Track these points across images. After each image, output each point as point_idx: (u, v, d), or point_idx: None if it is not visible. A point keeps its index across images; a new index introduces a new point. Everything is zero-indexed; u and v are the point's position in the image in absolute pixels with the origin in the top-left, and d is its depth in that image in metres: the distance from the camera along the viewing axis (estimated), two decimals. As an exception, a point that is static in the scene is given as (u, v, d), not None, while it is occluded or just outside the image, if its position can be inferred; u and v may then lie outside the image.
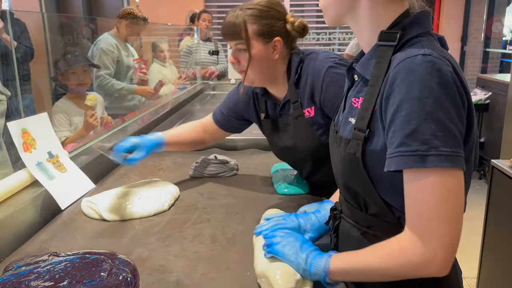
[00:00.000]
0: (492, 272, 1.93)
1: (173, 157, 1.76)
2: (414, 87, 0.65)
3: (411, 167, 0.65)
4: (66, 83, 2.10)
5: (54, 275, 0.85)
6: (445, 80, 0.65)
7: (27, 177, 1.21)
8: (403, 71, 0.67)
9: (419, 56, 0.66)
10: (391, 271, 0.70)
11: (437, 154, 0.64)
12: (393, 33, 0.73)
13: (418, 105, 0.64)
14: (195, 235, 1.09)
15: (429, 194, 0.65)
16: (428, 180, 0.65)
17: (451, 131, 0.65)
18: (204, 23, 4.01)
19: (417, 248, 0.66)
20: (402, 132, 0.66)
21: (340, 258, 0.77)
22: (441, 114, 0.64)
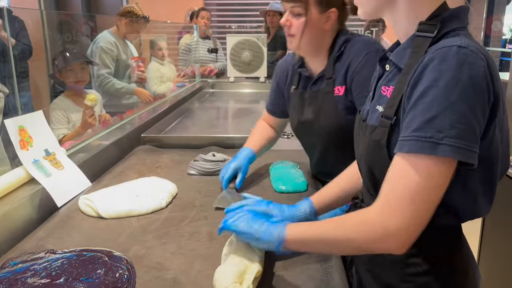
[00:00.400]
0: (490, 272, 1.93)
1: (171, 154, 1.76)
2: (443, 75, 0.65)
3: (421, 152, 0.65)
4: (64, 80, 2.09)
5: (50, 272, 0.85)
6: (476, 74, 0.65)
7: (24, 175, 1.21)
8: (436, 59, 0.67)
9: (455, 47, 0.66)
10: (350, 242, 0.72)
11: (450, 145, 0.64)
12: (432, 24, 0.73)
13: (443, 94, 0.64)
14: (192, 232, 1.09)
15: (423, 179, 0.66)
16: (428, 167, 0.65)
17: (471, 125, 0.64)
18: (202, 20, 4.01)
19: (383, 222, 0.68)
20: (421, 117, 0.66)
21: (296, 227, 0.79)
22: (464, 106, 0.64)
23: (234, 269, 0.80)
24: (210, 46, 4.04)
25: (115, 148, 1.71)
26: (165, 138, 1.92)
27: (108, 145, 1.66)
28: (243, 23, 5.81)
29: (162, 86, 3.39)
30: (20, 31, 2.87)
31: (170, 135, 2.07)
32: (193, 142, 1.85)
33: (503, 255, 1.81)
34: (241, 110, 3.01)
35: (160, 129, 2.11)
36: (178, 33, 4.41)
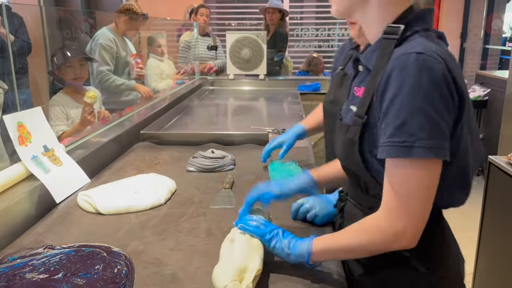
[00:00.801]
0: (488, 268, 1.94)
1: (170, 151, 1.76)
2: (406, 83, 0.70)
3: (398, 156, 0.72)
4: (63, 77, 2.09)
5: (49, 268, 0.85)
6: (435, 78, 0.70)
7: (23, 171, 1.21)
8: (397, 67, 0.72)
9: (414, 54, 0.71)
10: (367, 246, 0.78)
11: (423, 147, 0.70)
12: (397, 27, 0.78)
13: (409, 100, 0.70)
14: (191, 229, 1.09)
15: (410, 180, 0.72)
16: (411, 168, 0.72)
17: (438, 125, 0.70)
18: (202, 18, 3.99)
19: (392, 223, 0.74)
20: (393, 124, 0.72)
21: (320, 240, 0.84)
22: (429, 109, 0.69)
23: (234, 266, 0.80)
24: (209, 43, 4.03)
25: (114, 144, 1.71)
26: (164, 135, 1.92)
27: (107, 142, 1.66)
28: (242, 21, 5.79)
29: (161, 83, 3.39)
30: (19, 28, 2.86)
31: (169, 132, 2.07)
32: (192, 139, 1.85)
33: (502, 252, 1.81)
34: (240, 108, 3.01)
35: (159, 126, 2.11)
36: (177, 30, 4.40)
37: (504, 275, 1.79)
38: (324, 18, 5.58)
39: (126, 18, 2.90)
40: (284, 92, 3.43)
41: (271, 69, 3.89)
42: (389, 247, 0.77)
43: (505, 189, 1.76)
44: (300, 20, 5.79)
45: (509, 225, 1.75)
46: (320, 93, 3.55)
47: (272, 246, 0.87)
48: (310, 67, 4.39)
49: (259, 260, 0.84)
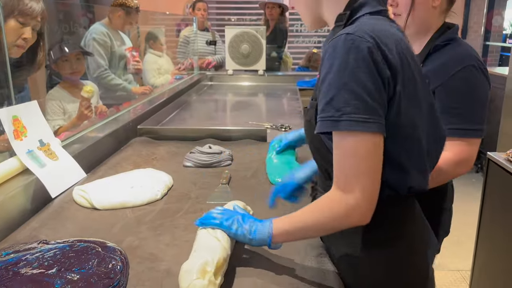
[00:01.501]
0: (486, 265, 1.93)
1: (167, 146, 1.75)
2: (335, 62, 0.75)
3: (326, 130, 0.76)
4: (60, 71, 2.07)
5: (43, 263, 0.85)
6: (361, 56, 0.73)
7: (18, 165, 1.20)
8: (329, 49, 0.77)
9: (343, 35, 0.75)
10: (322, 224, 0.80)
11: (348, 120, 0.73)
12: (343, 13, 0.84)
13: (336, 78, 0.74)
14: (187, 224, 1.08)
15: (348, 154, 0.75)
16: (345, 142, 0.75)
17: (364, 100, 0.73)
18: (199, 12, 3.96)
19: (343, 200, 0.76)
20: (323, 100, 0.76)
21: (280, 221, 0.85)
22: (354, 85, 0.73)
23: (197, 262, 0.78)
24: (208, 38, 4.01)
25: (111, 139, 1.70)
26: (161, 130, 1.91)
27: (104, 137, 1.65)
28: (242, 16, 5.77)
29: (160, 79, 3.37)
30: None
31: (167, 127, 2.06)
32: (190, 134, 1.84)
33: (500, 249, 1.81)
34: (239, 103, 2.99)
35: (157, 121, 2.10)
36: (176, 25, 4.37)
37: (502, 271, 1.79)
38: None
39: (121, 12, 2.88)
40: (283, 87, 3.42)
41: (270, 64, 3.87)
42: (342, 223, 0.78)
43: (504, 186, 1.76)
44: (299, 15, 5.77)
45: (508, 222, 1.74)
46: (319, 89, 3.53)
47: (234, 233, 0.87)
48: (309, 63, 4.38)
49: (219, 250, 0.82)
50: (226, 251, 0.83)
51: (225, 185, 1.32)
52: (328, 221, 0.79)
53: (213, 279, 0.77)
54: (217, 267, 0.79)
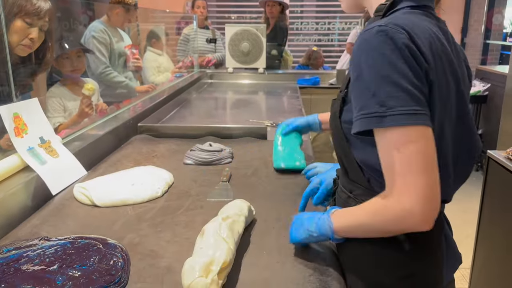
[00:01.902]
0: (486, 263, 1.94)
1: (168, 144, 1.75)
2: (370, 55, 0.71)
3: (370, 127, 0.71)
4: (60, 69, 2.07)
5: (44, 259, 0.85)
6: (398, 46, 0.69)
7: (19, 162, 1.20)
8: (361, 42, 0.73)
9: (375, 27, 0.72)
10: (377, 227, 0.76)
11: (394, 114, 0.68)
12: (384, 4, 0.80)
13: (374, 71, 0.70)
14: (188, 221, 1.08)
15: (397, 152, 0.69)
16: (392, 138, 0.69)
17: (408, 91, 0.68)
18: (198, 10, 3.96)
19: (396, 203, 0.70)
20: (362, 96, 0.72)
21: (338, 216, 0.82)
22: (396, 76, 0.68)
23: (200, 261, 0.78)
24: (208, 36, 4.00)
25: (112, 137, 1.70)
26: (162, 128, 1.91)
27: (104, 134, 1.65)
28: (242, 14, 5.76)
29: (159, 77, 3.37)
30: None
31: (167, 124, 2.06)
32: (190, 132, 1.85)
33: (499, 247, 1.81)
34: (239, 101, 2.99)
35: (157, 119, 2.10)
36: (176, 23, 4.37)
37: (502, 269, 1.79)
38: (324, 11, 5.54)
39: (119, 10, 2.88)
40: (283, 86, 3.41)
41: (271, 62, 3.87)
42: (401, 228, 0.73)
43: (503, 184, 1.76)
44: (300, 13, 5.76)
45: (507, 220, 1.74)
46: (319, 87, 3.54)
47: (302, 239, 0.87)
48: (309, 61, 4.38)
49: (226, 251, 0.81)
50: (232, 253, 0.83)
51: (226, 183, 1.32)
52: (382, 226, 0.75)
53: (216, 279, 0.76)
54: (222, 267, 0.78)
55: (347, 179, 0.90)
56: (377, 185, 0.81)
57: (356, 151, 0.83)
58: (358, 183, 0.86)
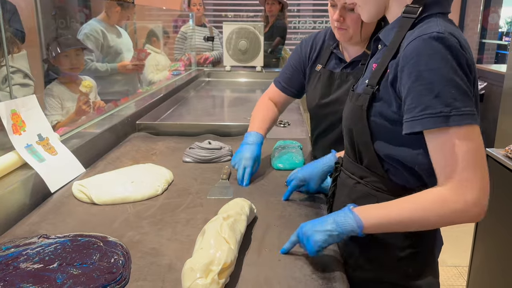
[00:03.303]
0: (484, 261, 1.94)
1: (167, 141, 1.74)
2: (432, 59, 0.75)
3: (437, 126, 0.75)
4: (59, 66, 2.06)
5: (43, 257, 0.84)
6: (456, 54, 0.76)
7: (17, 159, 1.19)
8: (420, 46, 0.77)
9: (434, 33, 0.77)
10: (430, 221, 0.79)
11: (459, 114, 0.74)
12: (415, 7, 0.84)
13: (438, 74, 0.75)
14: (188, 219, 1.08)
15: (459, 149, 0.75)
16: (455, 136, 0.75)
17: (467, 94, 0.75)
18: (195, 7, 3.95)
19: (460, 196, 0.75)
20: (426, 97, 0.75)
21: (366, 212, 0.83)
22: (458, 79, 0.75)
23: (200, 262, 0.77)
24: (206, 34, 3.99)
25: (110, 134, 1.69)
26: (160, 126, 1.90)
27: (102, 132, 1.64)
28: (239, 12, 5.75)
29: (158, 75, 3.36)
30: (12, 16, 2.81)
31: (166, 122, 2.05)
32: (188, 130, 1.84)
33: (497, 245, 1.82)
34: (237, 99, 2.99)
35: (155, 117, 2.09)
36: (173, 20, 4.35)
37: (500, 267, 1.80)
38: (321, 10, 5.54)
39: (118, 7, 2.86)
40: (281, 84, 3.40)
41: (268, 61, 3.86)
42: (459, 221, 0.77)
43: (502, 182, 1.76)
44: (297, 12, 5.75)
45: (506, 218, 1.75)
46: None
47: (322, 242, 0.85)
48: (307, 59, 4.36)
49: (227, 252, 0.80)
50: (234, 253, 0.82)
51: (225, 181, 1.31)
52: (439, 220, 0.78)
53: (217, 278, 0.75)
54: (223, 268, 0.77)
55: (358, 166, 0.94)
56: (394, 174, 0.88)
57: (381, 144, 0.87)
58: (374, 171, 0.90)
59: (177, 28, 4.04)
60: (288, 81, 1.47)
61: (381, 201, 0.88)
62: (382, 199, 0.89)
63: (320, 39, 1.43)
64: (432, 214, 0.78)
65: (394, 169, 0.88)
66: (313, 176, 1.15)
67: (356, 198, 0.94)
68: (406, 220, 0.80)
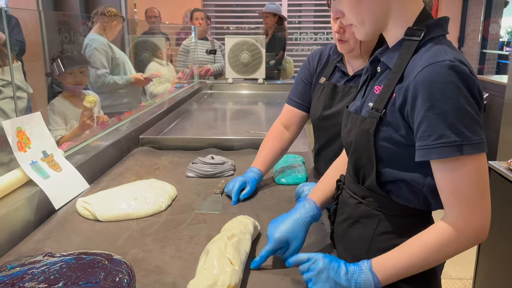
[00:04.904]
0: (488, 274, 1.93)
1: (170, 156, 1.75)
2: (446, 88, 0.76)
3: (451, 156, 0.76)
4: (63, 81, 2.08)
5: (49, 276, 0.84)
6: (468, 82, 0.77)
7: (22, 176, 1.20)
8: (434, 73, 0.77)
9: (447, 61, 0.77)
10: (445, 257, 0.82)
11: (471, 143, 0.76)
12: (419, 30, 0.84)
13: (452, 104, 0.76)
14: (192, 236, 1.08)
15: (469, 178, 0.77)
16: (467, 165, 0.77)
17: (478, 122, 0.77)
18: (197, 21, 4.00)
19: (469, 224, 0.78)
20: (440, 126, 0.76)
21: (383, 266, 0.82)
22: (470, 108, 0.76)
23: (203, 283, 0.77)
24: (208, 47, 4.03)
25: (113, 149, 1.70)
26: (163, 140, 1.91)
27: (106, 147, 1.65)
28: (241, 25, 5.80)
29: (159, 87, 3.39)
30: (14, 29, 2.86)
31: (169, 136, 2.06)
32: (191, 144, 1.85)
33: (502, 257, 1.81)
34: (239, 112, 3.00)
35: (158, 131, 2.10)
36: (176, 33, 4.39)
37: (505, 281, 1.79)
38: (322, 22, 5.59)
39: (115, 22, 2.91)
40: (283, 96, 3.40)
41: (270, 73, 3.89)
42: (471, 246, 0.80)
43: (505, 195, 1.76)
44: (298, 24, 5.80)
45: (509, 231, 1.74)
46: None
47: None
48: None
49: (230, 274, 0.79)
50: (238, 275, 0.82)
51: (218, 195, 1.32)
52: (454, 251, 0.80)
53: None
54: None
55: (360, 186, 0.93)
56: (397, 195, 0.88)
57: (387, 167, 0.87)
58: (376, 192, 0.90)
59: (179, 41, 4.08)
60: (301, 96, 1.47)
61: (383, 221, 0.89)
62: (384, 219, 0.90)
63: (326, 53, 1.45)
64: (447, 250, 0.80)
65: (398, 190, 0.88)
66: (296, 233, 0.96)
67: (358, 217, 0.94)
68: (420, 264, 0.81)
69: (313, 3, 5.57)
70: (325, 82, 1.40)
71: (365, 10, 0.87)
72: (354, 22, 0.90)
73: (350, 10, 0.88)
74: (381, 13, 0.86)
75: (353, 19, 0.89)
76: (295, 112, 1.47)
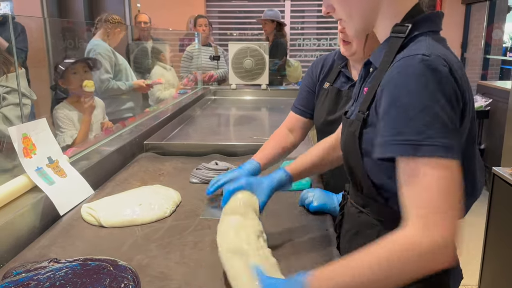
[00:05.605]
0: (493, 280, 1.92)
1: (174, 162, 1.75)
2: (412, 82, 0.69)
3: (404, 155, 0.68)
4: (68, 86, 2.09)
5: (54, 282, 0.85)
6: (440, 80, 0.69)
7: (27, 182, 1.21)
8: (402, 66, 0.71)
9: (419, 55, 0.70)
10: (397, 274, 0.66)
11: (431, 145, 0.66)
12: (404, 26, 0.79)
13: (415, 98, 0.68)
14: (196, 242, 1.08)
15: (432, 184, 0.66)
16: (427, 170, 0.66)
17: (446, 124, 0.68)
18: (200, 28, 4.03)
19: (426, 239, 0.65)
20: (398, 121, 0.69)
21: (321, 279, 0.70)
22: (437, 108, 0.67)
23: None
24: (211, 53, 4.05)
25: (118, 155, 1.71)
26: (167, 146, 1.91)
27: (110, 153, 1.66)
28: (244, 31, 5.83)
29: (165, 92, 3.41)
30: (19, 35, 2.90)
31: (173, 142, 2.07)
32: (195, 150, 1.85)
33: (507, 263, 1.80)
34: (242, 117, 3.01)
35: (162, 137, 2.11)
36: (180, 40, 4.42)
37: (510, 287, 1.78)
38: (325, 28, 5.60)
39: (119, 29, 2.95)
40: (286, 101, 3.42)
41: (273, 78, 3.91)
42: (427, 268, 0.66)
43: (509, 201, 1.76)
44: (301, 30, 5.83)
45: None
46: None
47: None
48: (311, 77, 4.40)
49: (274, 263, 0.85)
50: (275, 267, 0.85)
51: None
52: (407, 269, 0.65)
53: None
54: None
55: (360, 195, 0.90)
56: (396, 203, 0.75)
57: (372, 174, 0.82)
58: (375, 199, 0.85)
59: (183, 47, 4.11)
60: (305, 103, 1.48)
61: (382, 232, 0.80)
62: (383, 230, 0.83)
63: (330, 59, 1.46)
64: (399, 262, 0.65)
65: (395, 197, 0.76)
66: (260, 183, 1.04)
67: (360, 227, 0.91)
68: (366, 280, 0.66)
69: (316, 9, 5.59)
70: (329, 87, 1.41)
71: (353, 3, 0.83)
72: (343, 16, 0.86)
73: (339, 3, 0.85)
74: (369, 7, 0.82)
75: (342, 13, 0.85)
76: (298, 118, 1.49)
